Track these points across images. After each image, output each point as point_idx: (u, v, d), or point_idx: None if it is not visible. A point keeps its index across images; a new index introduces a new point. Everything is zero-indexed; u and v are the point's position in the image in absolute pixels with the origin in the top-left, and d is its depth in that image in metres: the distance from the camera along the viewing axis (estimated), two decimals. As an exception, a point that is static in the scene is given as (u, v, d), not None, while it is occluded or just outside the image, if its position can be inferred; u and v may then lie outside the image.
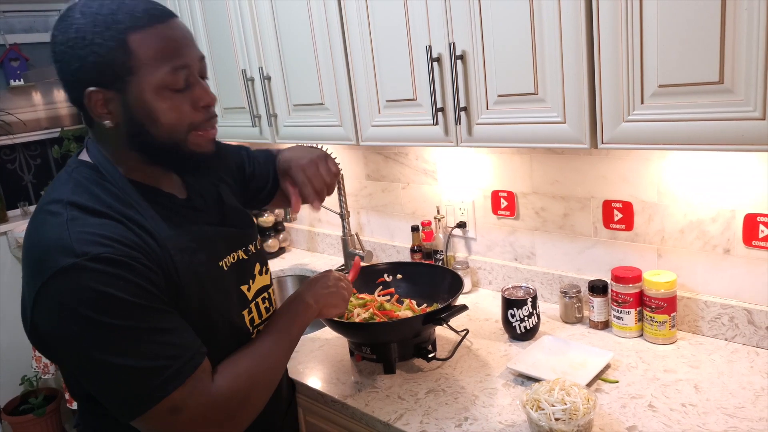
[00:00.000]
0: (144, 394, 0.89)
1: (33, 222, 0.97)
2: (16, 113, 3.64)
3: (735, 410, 1.24)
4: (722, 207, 1.45)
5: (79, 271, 0.87)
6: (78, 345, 0.89)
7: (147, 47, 0.93)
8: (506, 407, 1.34)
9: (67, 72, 0.95)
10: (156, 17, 0.95)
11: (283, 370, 1.15)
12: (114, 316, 0.88)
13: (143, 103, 0.95)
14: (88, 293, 0.87)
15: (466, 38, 1.39)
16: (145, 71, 0.94)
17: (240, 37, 2.05)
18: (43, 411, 3.27)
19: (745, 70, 1.01)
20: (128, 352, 0.89)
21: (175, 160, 1.03)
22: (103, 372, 0.89)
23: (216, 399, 0.96)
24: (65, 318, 0.88)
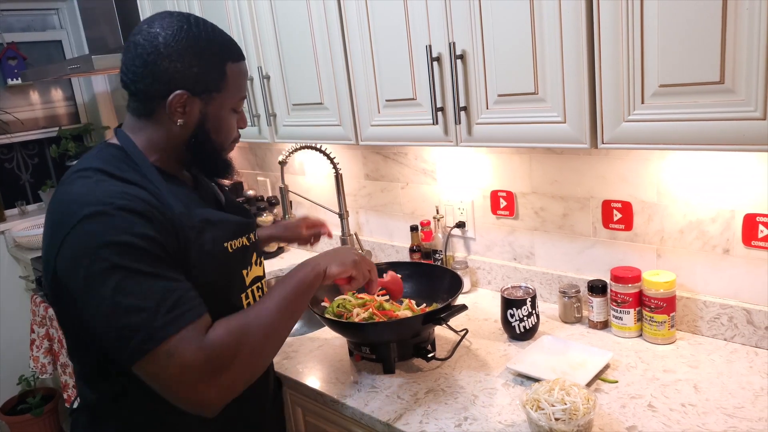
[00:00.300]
0: (146, 335, 0.94)
1: (62, 185, 1.08)
2: (13, 112, 3.63)
3: (734, 410, 1.24)
4: (722, 207, 1.45)
5: (101, 216, 0.98)
6: (93, 284, 0.96)
7: (235, 76, 1.16)
8: (506, 407, 1.34)
9: (165, 68, 1.08)
10: (242, 56, 1.19)
11: (279, 330, 1.11)
12: (128, 259, 0.96)
13: (219, 115, 1.16)
14: (107, 236, 0.96)
15: (466, 38, 1.39)
16: (228, 93, 1.15)
17: (239, 36, 2.05)
18: (40, 411, 3.27)
19: (745, 70, 1.01)
20: (137, 294, 0.96)
21: (215, 163, 1.22)
22: (112, 312, 0.95)
23: (206, 350, 0.98)
24: (85, 259, 0.96)
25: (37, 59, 3.72)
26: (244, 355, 1.03)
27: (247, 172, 3.00)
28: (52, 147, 3.74)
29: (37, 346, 3.04)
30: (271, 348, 1.11)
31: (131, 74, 1.11)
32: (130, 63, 1.11)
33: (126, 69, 1.12)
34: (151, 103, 1.12)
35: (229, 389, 1.01)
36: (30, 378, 3.46)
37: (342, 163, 2.37)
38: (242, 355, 1.02)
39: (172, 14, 1.12)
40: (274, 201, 2.77)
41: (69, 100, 3.92)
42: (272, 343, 1.10)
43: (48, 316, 2.93)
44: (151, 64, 1.08)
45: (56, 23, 3.84)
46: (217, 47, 1.12)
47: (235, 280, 1.21)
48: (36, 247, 3.37)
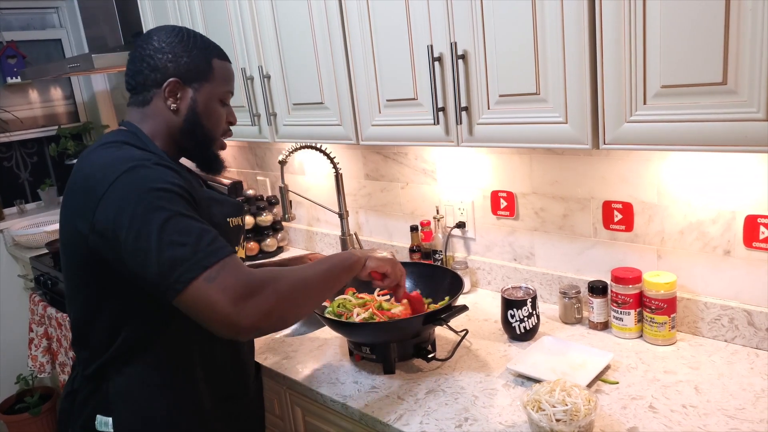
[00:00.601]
0: (189, 266, 1.03)
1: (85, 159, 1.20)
2: (12, 111, 3.63)
3: (736, 412, 1.23)
4: (722, 208, 1.45)
5: (141, 169, 1.11)
6: (138, 225, 1.05)
7: (220, 71, 1.32)
8: (506, 408, 1.34)
9: (160, 60, 1.26)
10: (228, 58, 1.36)
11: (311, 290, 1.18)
12: (169, 202, 1.07)
13: (207, 103, 1.30)
14: (149, 183, 1.09)
15: (467, 38, 1.39)
16: (215, 84, 1.31)
17: (240, 35, 2.05)
18: (38, 410, 3.26)
19: (748, 71, 1.01)
20: (180, 231, 1.05)
21: (206, 153, 1.35)
22: (157, 248, 1.04)
23: (243, 276, 1.06)
24: (129, 204, 1.06)
25: (37, 58, 3.72)
26: (278, 290, 1.09)
27: (246, 171, 3.00)
28: (51, 146, 3.74)
29: (36, 345, 3.03)
30: (302, 300, 1.16)
31: (132, 71, 1.29)
32: (131, 65, 1.29)
33: (128, 71, 1.30)
34: (149, 92, 1.28)
35: (262, 313, 1.06)
36: (28, 377, 3.46)
37: (342, 163, 2.37)
38: (275, 288, 1.08)
39: (167, 26, 1.31)
40: (274, 200, 2.76)
41: (68, 98, 3.92)
42: (303, 296, 1.15)
43: (47, 315, 2.92)
44: (147, 58, 1.26)
45: (56, 22, 3.84)
46: (203, 44, 1.30)
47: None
48: (35, 245, 3.37)
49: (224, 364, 1.35)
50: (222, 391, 1.35)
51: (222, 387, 1.35)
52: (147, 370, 1.24)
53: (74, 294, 1.26)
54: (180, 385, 1.27)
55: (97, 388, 1.25)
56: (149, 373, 1.24)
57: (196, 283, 1.02)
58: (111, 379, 1.23)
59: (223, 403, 1.35)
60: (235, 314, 1.03)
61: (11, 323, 3.52)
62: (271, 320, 1.08)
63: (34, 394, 3.36)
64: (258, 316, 1.05)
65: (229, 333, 1.05)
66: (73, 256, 1.21)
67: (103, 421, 1.23)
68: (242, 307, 1.03)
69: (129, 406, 1.23)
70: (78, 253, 1.18)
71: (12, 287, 3.53)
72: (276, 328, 1.12)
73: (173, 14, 2.32)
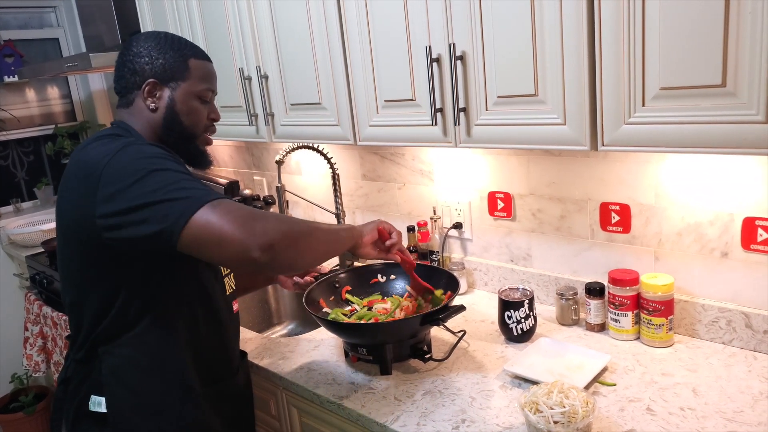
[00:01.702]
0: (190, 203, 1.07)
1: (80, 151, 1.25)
2: (9, 109, 3.61)
3: (734, 414, 1.23)
4: (720, 210, 1.45)
5: (133, 145, 1.19)
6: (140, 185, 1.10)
7: (198, 70, 1.37)
8: (503, 409, 1.34)
9: (136, 63, 1.33)
10: (207, 58, 1.41)
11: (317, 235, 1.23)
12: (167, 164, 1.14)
13: (185, 101, 1.35)
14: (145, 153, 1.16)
15: (466, 39, 1.39)
16: (192, 82, 1.36)
17: (237, 35, 2.04)
18: (33, 409, 3.25)
19: (748, 74, 1.01)
20: (179, 183, 1.11)
21: (187, 149, 1.39)
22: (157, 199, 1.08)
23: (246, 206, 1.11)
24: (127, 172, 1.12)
25: (34, 57, 3.70)
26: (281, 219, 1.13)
27: (243, 171, 2.99)
28: (48, 145, 3.73)
29: (31, 345, 3.02)
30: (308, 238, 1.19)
31: (117, 77, 1.37)
32: (116, 71, 1.37)
33: (114, 76, 1.37)
34: (131, 94, 1.35)
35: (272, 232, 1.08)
36: (23, 376, 3.44)
37: (339, 163, 2.36)
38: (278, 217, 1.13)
39: (149, 32, 1.39)
40: (271, 200, 2.76)
41: (65, 98, 3.91)
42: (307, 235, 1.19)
43: (42, 314, 2.91)
44: (128, 63, 1.34)
45: (53, 21, 3.82)
46: (180, 46, 1.36)
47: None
48: (30, 244, 3.36)
49: (210, 346, 1.40)
50: (209, 372, 1.39)
51: (209, 369, 1.39)
52: (137, 351, 1.28)
53: (69, 280, 1.31)
54: (169, 367, 1.31)
55: (90, 370, 1.29)
56: (139, 354, 1.28)
57: (199, 214, 1.06)
58: (103, 360, 1.28)
59: (211, 385, 1.40)
60: (245, 235, 1.05)
61: (6, 322, 3.51)
62: (283, 242, 1.09)
63: (28, 394, 3.34)
64: (269, 234, 1.07)
65: (243, 256, 1.06)
66: (72, 243, 1.25)
67: (96, 401, 1.28)
68: (251, 227, 1.06)
69: (121, 386, 1.28)
70: (78, 240, 1.22)
71: (7, 286, 3.52)
72: (287, 256, 1.12)
73: (171, 13, 2.32)
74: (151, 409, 1.29)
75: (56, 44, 3.83)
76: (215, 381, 1.42)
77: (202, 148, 1.43)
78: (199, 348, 1.36)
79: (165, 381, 1.31)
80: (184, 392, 1.32)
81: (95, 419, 1.28)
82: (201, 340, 1.36)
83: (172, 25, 2.31)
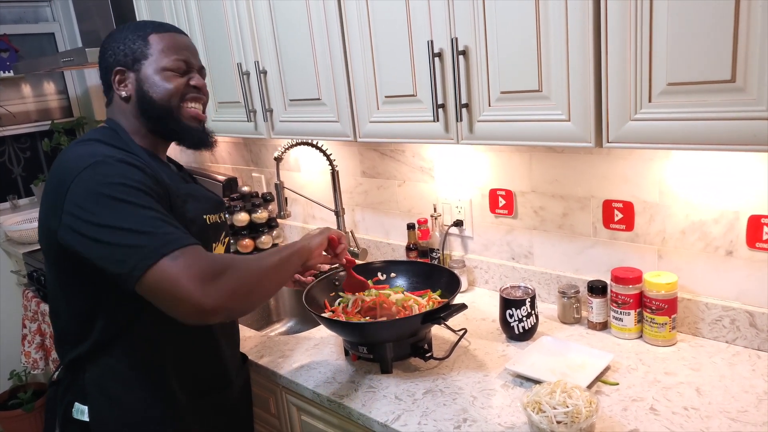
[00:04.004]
0: (147, 252, 1.05)
1: (62, 154, 1.23)
2: (5, 105, 3.58)
3: (738, 414, 1.22)
4: (725, 208, 1.44)
5: (102, 165, 1.14)
6: (99, 214, 1.08)
7: (159, 43, 1.31)
8: (505, 408, 1.32)
9: (104, 59, 1.33)
10: (171, 29, 1.35)
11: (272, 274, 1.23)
12: (127, 195, 1.10)
13: (150, 77, 1.30)
14: (108, 178, 1.11)
15: (469, 33, 1.37)
16: (155, 57, 1.30)
17: (235, 29, 2.02)
18: (31, 406, 3.23)
19: (758, 69, 0.99)
20: (138, 221, 1.08)
21: (177, 128, 1.34)
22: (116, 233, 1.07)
23: (205, 259, 1.09)
24: (89, 197, 1.10)
25: (30, 52, 3.67)
26: (238, 273, 1.11)
27: (241, 167, 2.97)
28: (45, 141, 3.70)
29: (29, 342, 3.00)
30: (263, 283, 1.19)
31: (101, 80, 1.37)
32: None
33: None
34: (109, 91, 1.35)
35: (225, 296, 1.07)
36: (21, 373, 3.43)
37: (338, 160, 2.34)
38: (237, 269, 1.11)
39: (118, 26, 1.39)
40: (269, 197, 2.74)
41: (62, 93, 3.87)
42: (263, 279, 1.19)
43: (40, 311, 2.89)
44: (101, 62, 1.34)
45: (49, 15, 3.79)
46: (137, 26, 1.33)
47: (208, 250, 1.31)
48: (28, 241, 3.33)
49: (199, 359, 1.37)
50: (198, 385, 1.37)
51: (197, 382, 1.37)
52: (119, 362, 1.27)
53: (51, 289, 1.32)
54: (152, 379, 1.29)
55: (75, 378, 1.29)
56: (121, 365, 1.27)
57: (157, 266, 1.04)
58: (87, 369, 1.27)
59: (200, 397, 1.37)
60: (199, 295, 1.04)
61: (4, 319, 3.49)
62: (233, 303, 1.09)
63: (27, 391, 3.33)
64: (223, 297, 1.06)
65: (194, 316, 1.06)
66: (48, 253, 1.24)
67: (80, 409, 1.28)
68: (206, 287, 1.05)
69: (103, 396, 1.27)
70: (52, 251, 1.21)
71: (5, 283, 3.49)
72: (241, 310, 1.15)
73: (168, 7, 2.29)
74: (132, 421, 1.28)
75: (52, 39, 3.80)
76: (205, 393, 1.39)
77: (190, 124, 1.35)
78: (186, 360, 1.34)
79: (148, 393, 1.29)
80: (168, 405, 1.31)
81: (79, 426, 1.28)
82: (189, 353, 1.34)
83: (169, 18, 2.28)
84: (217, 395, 1.42)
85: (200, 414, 1.37)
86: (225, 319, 1.12)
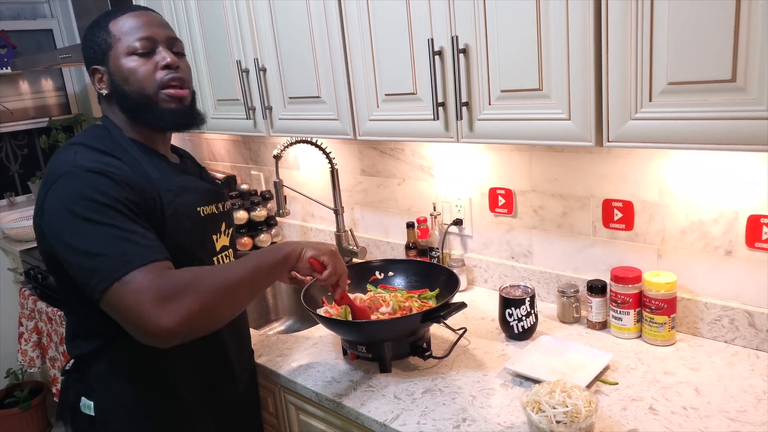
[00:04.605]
0: (102, 276, 1.06)
1: (53, 157, 1.24)
2: (2, 102, 3.57)
3: (737, 414, 1.22)
4: (725, 208, 1.44)
5: (69, 176, 1.13)
6: (61, 233, 1.10)
7: (119, 26, 1.26)
8: (505, 408, 1.32)
9: (84, 60, 1.31)
10: (131, 9, 1.29)
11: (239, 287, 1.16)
12: (89, 211, 1.09)
13: (119, 67, 1.26)
14: (74, 192, 1.11)
15: (469, 31, 1.36)
16: (118, 43, 1.26)
17: (235, 27, 2.01)
18: (28, 405, 3.23)
19: (758, 68, 0.98)
20: (95, 241, 1.08)
21: (152, 116, 1.29)
22: (75, 257, 1.09)
23: (159, 278, 1.07)
24: (56, 212, 1.12)
25: (27, 48, 3.66)
26: (198, 291, 1.08)
27: (240, 165, 2.96)
28: (42, 138, 3.69)
29: (26, 340, 2.99)
30: (226, 301, 1.15)
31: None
32: None
33: None
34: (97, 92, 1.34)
35: (181, 318, 1.05)
36: (18, 371, 3.42)
37: (338, 158, 2.34)
38: (196, 289, 1.08)
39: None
40: (268, 195, 2.73)
41: (59, 90, 3.86)
42: (228, 296, 1.14)
43: (37, 310, 2.88)
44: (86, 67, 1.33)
45: (47, 12, 3.78)
46: (101, 18, 1.29)
47: (206, 242, 1.37)
48: (25, 239, 3.33)
49: (203, 356, 1.36)
50: (202, 380, 1.37)
51: (202, 376, 1.37)
52: (122, 359, 1.28)
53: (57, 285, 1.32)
54: (156, 375, 1.30)
55: (82, 373, 1.31)
56: (124, 362, 1.28)
57: (111, 290, 1.05)
58: (91, 366, 1.29)
59: (205, 392, 1.38)
60: (154, 318, 1.03)
61: (1, 317, 3.48)
62: (192, 324, 1.07)
63: (23, 389, 3.33)
64: (178, 320, 1.04)
65: (147, 339, 1.06)
66: (41, 252, 1.27)
67: (86, 403, 1.30)
68: (161, 309, 1.03)
69: (108, 392, 1.28)
70: (43, 250, 1.24)
71: (1, 281, 3.49)
72: (200, 332, 1.11)
73: (167, 4, 2.28)
74: (138, 417, 1.29)
75: (50, 35, 3.78)
76: (210, 388, 1.40)
77: (168, 106, 1.29)
78: (189, 355, 1.31)
79: (152, 389, 1.30)
80: (172, 400, 1.31)
81: (87, 419, 1.30)
82: (192, 350, 1.27)
83: (168, 14, 2.27)
84: (221, 390, 1.43)
85: (208, 407, 1.38)
86: (186, 340, 1.09)
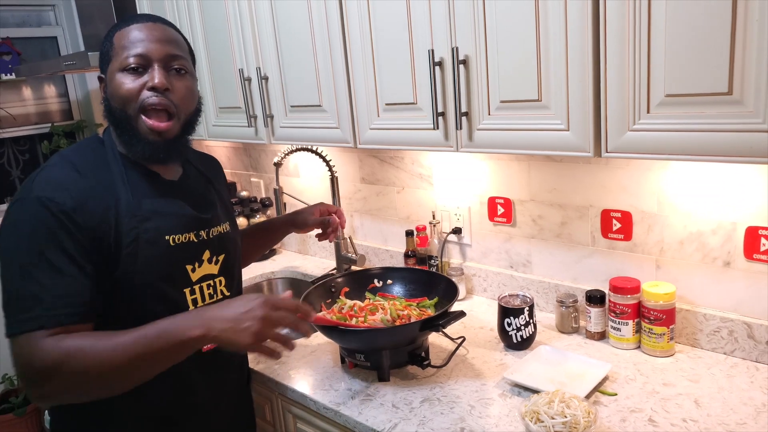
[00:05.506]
0: (9, 322, 1.08)
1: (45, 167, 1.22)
2: (5, 107, 3.59)
3: (737, 426, 1.22)
4: (723, 219, 1.44)
5: (17, 204, 1.12)
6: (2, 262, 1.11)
7: (121, 38, 1.20)
8: (503, 418, 1.32)
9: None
10: (136, 19, 1.22)
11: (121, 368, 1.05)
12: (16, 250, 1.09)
13: (112, 80, 1.21)
14: (13, 226, 1.11)
15: (469, 42, 1.37)
16: (116, 56, 1.20)
17: (238, 36, 2.02)
18: (23, 411, 3.21)
19: (755, 81, 0.99)
20: (13, 285, 1.09)
21: (129, 140, 1.22)
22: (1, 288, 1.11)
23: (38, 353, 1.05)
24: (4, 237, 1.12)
25: (32, 55, 3.68)
26: (65, 376, 1.05)
27: (240, 173, 2.97)
28: (44, 143, 3.70)
29: (24, 346, 2.98)
30: (105, 381, 1.07)
31: None
32: None
33: None
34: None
35: (47, 399, 1.12)
36: (13, 377, 3.41)
37: (337, 166, 2.35)
38: (63, 373, 1.04)
39: None
40: (268, 202, 2.74)
41: (62, 96, 3.88)
42: (106, 373, 1.05)
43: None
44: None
45: (52, 19, 3.80)
46: (112, 26, 1.25)
47: (176, 273, 1.26)
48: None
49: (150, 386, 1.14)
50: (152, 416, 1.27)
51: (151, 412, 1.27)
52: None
53: None
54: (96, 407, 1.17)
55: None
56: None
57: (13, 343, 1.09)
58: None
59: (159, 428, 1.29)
60: (26, 387, 1.09)
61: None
62: (63, 401, 1.15)
63: (19, 395, 3.31)
64: (44, 399, 1.11)
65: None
66: None
67: (47, 418, 1.38)
68: (30, 384, 1.08)
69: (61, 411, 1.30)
70: None
71: None
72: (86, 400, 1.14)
73: (171, 13, 2.30)
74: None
75: (54, 43, 3.80)
76: (167, 424, 1.29)
77: (147, 137, 1.20)
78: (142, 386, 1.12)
79: (101, 413, 1.22)
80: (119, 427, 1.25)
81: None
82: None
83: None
84: (182, 426, 1.32)
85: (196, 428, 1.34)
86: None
